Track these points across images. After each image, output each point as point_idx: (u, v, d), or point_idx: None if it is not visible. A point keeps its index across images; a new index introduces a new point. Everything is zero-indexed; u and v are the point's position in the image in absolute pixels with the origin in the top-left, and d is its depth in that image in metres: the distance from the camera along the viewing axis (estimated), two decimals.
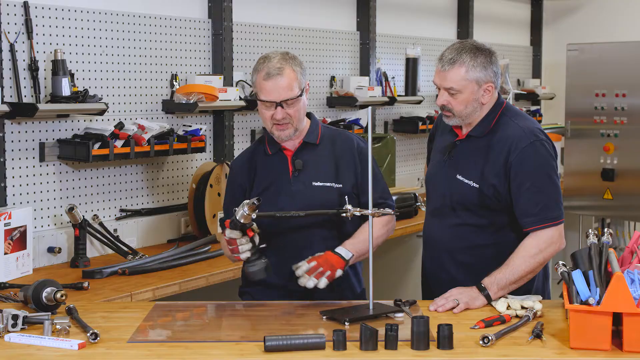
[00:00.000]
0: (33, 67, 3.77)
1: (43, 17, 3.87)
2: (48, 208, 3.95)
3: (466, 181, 3.05)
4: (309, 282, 2.90)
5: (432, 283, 3.20)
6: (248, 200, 2.80)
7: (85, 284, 3.39)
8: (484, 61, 3.00)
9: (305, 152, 3.10)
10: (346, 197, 2.96)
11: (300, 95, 3.00)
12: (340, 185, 3.07)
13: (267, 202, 2.99)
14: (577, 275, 2.56)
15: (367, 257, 2.92)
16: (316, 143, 3.11)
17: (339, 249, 2.97)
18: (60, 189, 4.00)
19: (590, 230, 2.82)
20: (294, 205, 3.01)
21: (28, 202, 3.86)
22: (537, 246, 2.95)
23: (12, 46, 3.71)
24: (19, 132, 3.81)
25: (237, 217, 2.81)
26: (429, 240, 3.23)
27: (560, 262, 2.73)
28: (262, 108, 3.00)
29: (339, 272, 2.93)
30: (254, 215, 2.81)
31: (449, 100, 3.02)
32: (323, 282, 2.90)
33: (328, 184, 3.07)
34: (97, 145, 3.90)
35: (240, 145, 4.85)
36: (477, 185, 3.03)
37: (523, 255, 2.94)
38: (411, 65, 6.14)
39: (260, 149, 3.17)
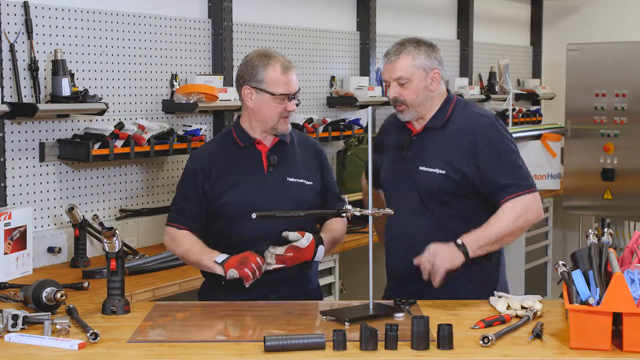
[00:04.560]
0: (33, 67, 3.77)
1: (43, 17, 3.87)
2: (48, 208, 3.95)
3: (431, 170, 3.09)
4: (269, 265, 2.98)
5: (407, 281, 3.14)
6: (105, 230, 2.86)
7: (85, 284, 3.39)
8: (427, 50, 3.13)
9: (279, 148, 3.14)
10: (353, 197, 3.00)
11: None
12: (311, 183, 3.13)
13: (241, 196, 3.06)
14: (577, 275, 2.56)
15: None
16: (287, 141, 3.16)
17: (320, 249, 3.03)
18: (60, 189, 4.00)
19: (590, 230, 2.81)
20: (270, 200, 3.05)
21: (28, 202, 3.86)
22: (515, 209, 3.02)
23: (12, 46, 3.71)
24: (19, 132, 3.81)
25: (106, 249, 2.86)
26: (402, 240, 3.19)
27: (560, 262, 2.73)
28: (272, 102, 3.05)
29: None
30: (117, 243, 2.84)
31: (400, 92, 3.10)
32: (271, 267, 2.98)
33: (301, 181, 3.11)
34: (97, 145, 3.90)
35: None
36: (444, 172, 3.07)
37: (501, 218, 3.01)
38: None
39: (229, 141, 3.18)
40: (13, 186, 3.80)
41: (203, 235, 3.15)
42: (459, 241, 2.96)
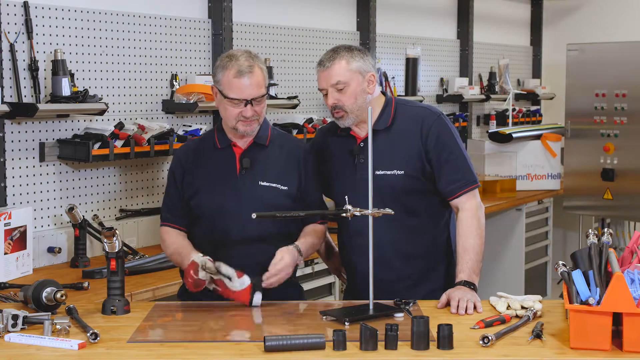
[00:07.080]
0: (33, 67, 3.77)
1: (43, 17, 3.87)
2: (48, 208, 3.95)
3: (389, 172, 3.09)
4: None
5: (375, 286, 2.91)
6: (105, 230, 2.85)
7: (85, 284, 3.39)
8: (359, 53, 3.11)
9: (254, 151, 3.11)
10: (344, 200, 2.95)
11: (267, 92, 3.07)
12: (286, 188, 3.09)
13: (210, 197, 3.06)
14: (577, 275, 2.56)
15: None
16: (265, 144, 3.12)
17: (257, 297, 2.94)
18: (60, 189, 4.00)
19: (590, 230, 2.82)
20: (240, 203, 3.03)
21: (28, 202, 3.86)
22: (472, 217, 3.06)
23: (12, 46, 3.71)
24: (19, 132, 3.81)
25: (106, 249, 2.85)
26: (367, 245, 2.99)
27: (560, 262, 2.73)
28: (228, 105, 3.01)
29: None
30: (117, 243, 2.84)
31: (338, 98, 3.06)
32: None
33: (274, 185, 3.08)
34: (97, 145, 3.91)
35: None
36: (403, 172, 3.09)
37: (470, 234, 3.04)
38: (411, 65, 6.14)
39: (209, 141, 3.17)
40: (13, 186, 3.80)
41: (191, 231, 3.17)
42: (468, 282, 2.95)
